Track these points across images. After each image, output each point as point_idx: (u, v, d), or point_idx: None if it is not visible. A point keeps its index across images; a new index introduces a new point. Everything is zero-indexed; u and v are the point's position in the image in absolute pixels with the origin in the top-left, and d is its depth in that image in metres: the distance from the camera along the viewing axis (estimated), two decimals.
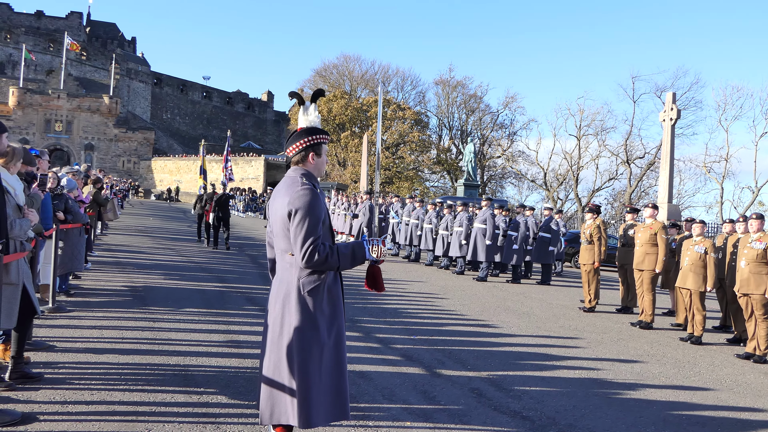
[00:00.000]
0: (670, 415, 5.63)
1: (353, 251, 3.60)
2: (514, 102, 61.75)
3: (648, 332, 9.86)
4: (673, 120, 24.40)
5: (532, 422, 5.11)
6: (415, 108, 60.18)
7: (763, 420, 5.78)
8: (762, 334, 8.34)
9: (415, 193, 44.89)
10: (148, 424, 4.41)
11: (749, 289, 8.42)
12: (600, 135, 54.54)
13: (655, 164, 48.63)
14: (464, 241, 15.33)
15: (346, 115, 54.24)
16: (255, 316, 8.37)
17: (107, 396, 4.93)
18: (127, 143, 68.94)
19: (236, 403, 5.02)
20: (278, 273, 3.68)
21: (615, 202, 55.26)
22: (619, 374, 7.00)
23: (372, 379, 5.94)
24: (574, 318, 10.57)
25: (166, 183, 63.96)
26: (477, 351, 7.48)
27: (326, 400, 3.55)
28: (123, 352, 6.23)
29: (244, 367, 6.04)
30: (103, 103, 67.78)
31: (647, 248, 10.36)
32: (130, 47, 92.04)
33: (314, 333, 3.52)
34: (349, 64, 64.68)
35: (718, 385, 6.95)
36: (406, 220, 18.36)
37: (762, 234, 8.51)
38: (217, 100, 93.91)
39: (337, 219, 21.42)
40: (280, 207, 3.56)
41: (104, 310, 8.19)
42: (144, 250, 15.47)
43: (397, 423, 4.83)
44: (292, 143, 3.68)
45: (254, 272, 13.13)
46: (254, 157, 63.32)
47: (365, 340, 7.62)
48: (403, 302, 10.70)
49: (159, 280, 11.02)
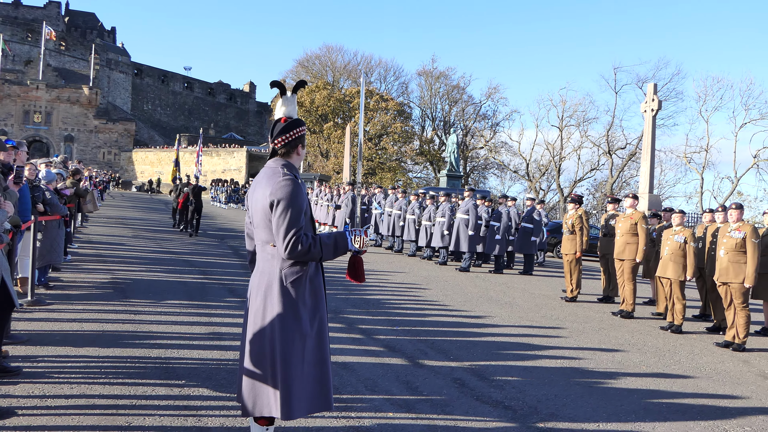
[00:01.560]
0: (650, 403, 5.68)
1: (336, 242, 3.58)
2: (496, 93, 61.94)
3: (629, 321, 9.93)
4: (654, 111, 24.57)
5: (514, 411, 5.13)
6: (398, 99, 60.15)
7: (742, 407, 5.85)
8: (741, 322, 8.43)
9: (397, 183, 44.94)
10: (129, 418, 4.38)
11: (728, 278, 8.50)
12: (582, 126, 54.90)
13: (636, 155, 48.99)
14: (447, 232, 15.35)
15: (328, 106, 54.09)
16: (237, 308, 8.33)
17: (87, 390, 4.88)
18: (108, 134, 68.23)
19: (218, 395, 4.99)
20: (259, 264, 3.65)
21: (597, 192, 55.61)
22: (601, 363, 7.05)
23: (354, 370, 5.94)
24: (556, 308, 10.63)
25: (147, 174, 63.46)
26: (459, 341, 7.50)
27: (309, 391, 3.54)
28: (103, 345, 6.18)
29: (226, 359, 6.01)
30: (82, 93, 67.00)
31: (628, 238, 10.43)
32: (110, 37, 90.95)
33: (297, 324, 3.50)
34: (332, 54, 64.56)
35: (698, 373, 7.02)
36: (388, 211, 18.35)
37: (741, 224, 8.59)
38: (199, 91, 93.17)
39: (320, 210, 21.36)
40: (261, 198, 3.52)
41: (84, 302, 8.12)
42: (125, 243, 15.35)
43: (380, 414, 4.83)
44: (281, 135, 3.62)
45: (236, 264, 13.07)
46: (236, 149, 62.98)
47: (348, 331, 7.61)
48: (386, 293, 10.70)
49: (140, 272, 10.94)
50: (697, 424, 5.22)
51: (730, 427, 5.22)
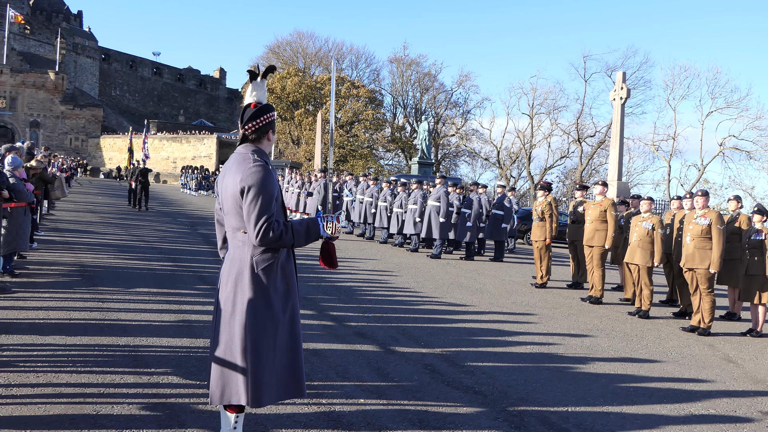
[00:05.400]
0: (618, 387, 5.77)
1: (308, 228, 3.56)
2: (468, 80, 61.79)
3: (598, 307, 10.06)
4: (623, 99, 24.82)
5: (484, 397, 5.17)
6: (370, 86, 59.86)
7: (706, 390, 5.96)
8: (706, 307, 8.58)
9: (369, 171, 44.88)
10: (97, 406, 4.33)
11: (694, 264, 8.65)
12: (552, 114, 55.15)
13: (605, 143, 49.40)
14: (418, 219, 15.38)
15: (299, 93, 53.67)
16: (207, 296, 8.26)
17: (53, 378, 4.82)
18: (75, 120, 67.02)
19: (188, 383, 4.96)
20: (230, 251, 3.62)
21: (567, 179, 56.08)
22: (570, 348, 7.13)
23: (326, 357, 5.94)
24: (527, 294, 10.73)
25: (116, 161, 62.37)
26: (431, 327, 7.53)
27: (280, 379, 3.53)
28: (70, 333, 6.10)
29: (196, 347, 5.97)
30: (48, 78, 65.68)
31: (597, 225, 10.53)
32: (77, 21, 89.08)
33: (268, 311, 3.48)
34: (303, 41, 63.93)
35: (664, 357, 7.14)
36: (360, 198, 18.32)
37: (706, 210, 8.73)
38: (168, 77, 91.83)
39: (291, 197, 21.26)
40: (231, 184, 3.49)
41: (51, 290, 7.99)
42: (93, 230, 15.13)
43: (351, 400, 4.84)
44: (251, 120, 3.58)
45: (207, 251, 12.96)
46: (206, 135, 62.22)
47: (319, 318, 7.60)
48: (358, 280, 10.70)
49: (109, 259, 10.80)
50: (664, 407, 5.31)
51: (695, 410, 5.32)
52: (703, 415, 5.23)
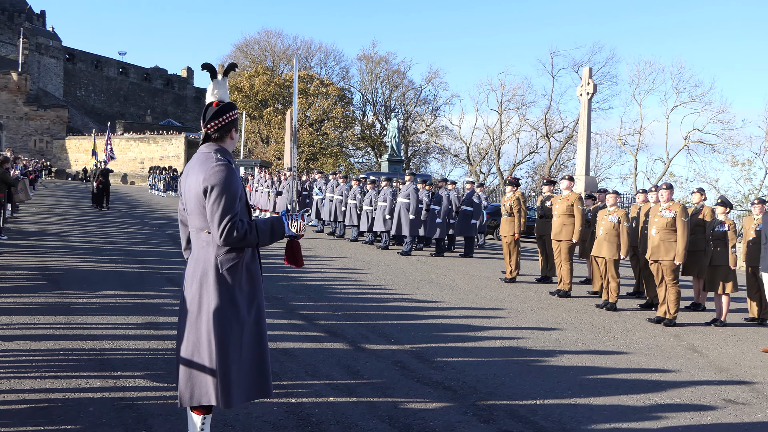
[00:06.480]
0: (585, 379, 5.83)
1: (272, 227, 3.54)
2: (436, 77, 62.03)
3: (566, 300, 10.16)
4: (589, 94, 25.10)
5: (453, 392, 5.20)
6: (339, 84, 59.70)
7: (672, 380, 6.06)
8: (671, 298, 8.72)
9: (339, 169, 44.78)
10: (61, 412, 4.26)
11: (659, 256, 8.77)
12: (521, 110, 55.45)
13: (573, 138, 49.87)
14: (388, 216, 15.40)
15: (268, 92, 53.30)
16: (175, 297, 8.17)
17: (17, 384, 4.73)
18: (39, 122, 65.93)
19: (156, 386, 4.91)
20: (194, 252, 3.59)
21: (536, 175, 56.48)
22: (539, 342, 7.20)
23: (295, 356, 5.92)
24: (496, 289, 10.80)
25: (82, 162, 61.40)
26: (401, 324, 7.55)
27: (247, 379, 3.51)
28: (34, 338, 5.99)
29: (164, 348, 5.91)
30: (11, 79, 64.53)
31: (564, 219, 10.64)
32: (39, 21, 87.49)
33: (234, 311, 3.45)
34: (271, 39, 63.50)
35: (631, 348, 7.24)
36: (329, 197, 18.29)
37: (671, 203, 8.87)
38: (134, 77, 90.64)
39: (261, 196, 21.14)
40: (194, 184, 3.45)
41: (14, 294, 7.84)
42: (58, 232, 14.90)
43: (320, 398, 4.83)
44: (214, 119, 3.55)
45: (174, 252, 12.84)
46: (174, 135, 61.60)
47: (288, 317, 7.58)
48: (328, 278, 10.68)
49: (74, 262, 10.63)
50: (630, 398, 5.39)
51: (661, 399, 5.40)
52: (668, 404, 5.31)
